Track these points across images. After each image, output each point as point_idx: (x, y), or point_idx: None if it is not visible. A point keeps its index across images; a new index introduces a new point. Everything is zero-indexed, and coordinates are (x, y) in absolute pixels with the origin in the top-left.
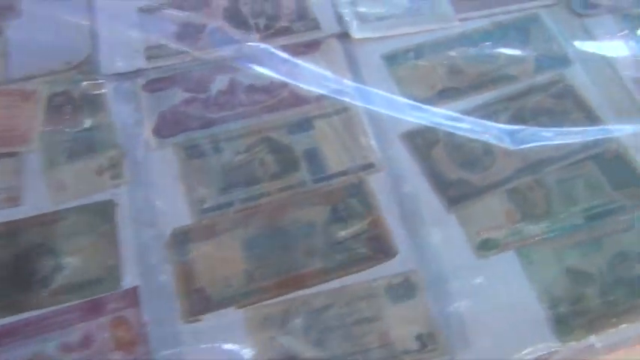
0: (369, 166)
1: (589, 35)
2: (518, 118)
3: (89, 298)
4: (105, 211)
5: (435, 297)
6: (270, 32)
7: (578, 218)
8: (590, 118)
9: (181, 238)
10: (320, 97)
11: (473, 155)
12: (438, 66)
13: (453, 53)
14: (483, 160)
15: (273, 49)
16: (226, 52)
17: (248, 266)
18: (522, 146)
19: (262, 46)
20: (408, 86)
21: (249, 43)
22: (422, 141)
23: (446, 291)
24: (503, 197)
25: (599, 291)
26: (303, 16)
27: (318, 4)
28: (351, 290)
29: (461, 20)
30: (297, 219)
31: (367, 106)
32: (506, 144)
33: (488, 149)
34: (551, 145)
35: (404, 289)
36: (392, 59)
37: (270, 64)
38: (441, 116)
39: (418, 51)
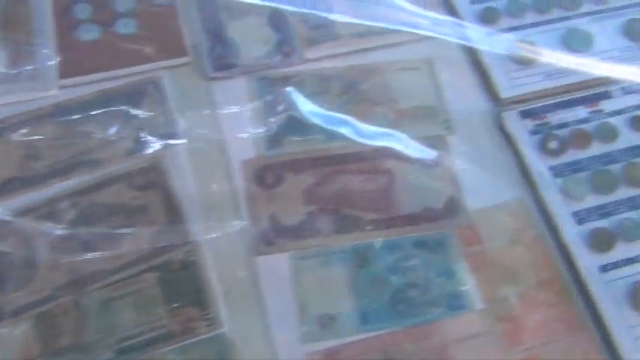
0: None
1: (212, 104)
2: (85, 218)
3: None
4: None
5: None
6: None
7: (109, 352)
8: (173, 216)
9: None
10: None
11: (12, 270)
12: (15, 149)
13: (37, 132)
14: (22, 275)
15: None
16: None
17: None
18: (68, 258)
19: None
20: None
21: None
22: None
23: None
24: (29, 326)
25: None
26: None
27: None
28: None
29: (63, 88)
30: None
31: None
32: (47, 254)
33: (31, 261)
34: (108, 254)
35: None
36: None
37: None
38: None
39: None
